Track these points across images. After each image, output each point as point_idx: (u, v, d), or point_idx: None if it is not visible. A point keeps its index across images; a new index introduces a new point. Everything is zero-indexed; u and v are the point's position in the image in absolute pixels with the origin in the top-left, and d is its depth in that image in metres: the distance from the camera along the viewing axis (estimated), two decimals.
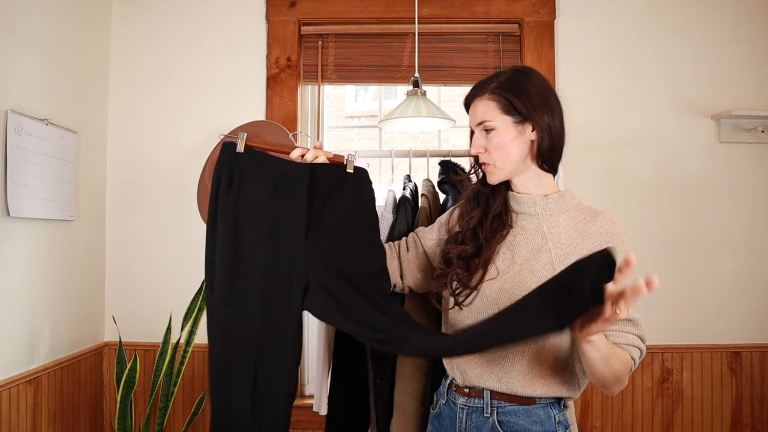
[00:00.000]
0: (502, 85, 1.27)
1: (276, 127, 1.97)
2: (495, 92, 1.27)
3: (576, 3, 2.31)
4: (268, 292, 1.29)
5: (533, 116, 1.25)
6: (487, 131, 1.27)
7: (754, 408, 2.23)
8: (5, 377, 1.71)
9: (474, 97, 1.30)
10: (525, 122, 1.26)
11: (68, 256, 2.04)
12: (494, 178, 1.29)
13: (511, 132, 1.26)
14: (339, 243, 1.30)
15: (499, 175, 1.29)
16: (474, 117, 1.29)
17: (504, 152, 1.27)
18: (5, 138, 1.69)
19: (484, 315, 1.21)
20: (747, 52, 2.28)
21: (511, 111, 1.26)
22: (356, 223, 1.33)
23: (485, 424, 1.24)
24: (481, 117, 1.27)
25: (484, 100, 1.28)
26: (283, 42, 2.31)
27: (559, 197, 1.29)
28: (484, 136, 1.28)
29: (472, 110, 1.30)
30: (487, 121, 1.26)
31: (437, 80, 2.37)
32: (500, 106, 1.26)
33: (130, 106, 2.33)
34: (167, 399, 2.04)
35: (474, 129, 1.30)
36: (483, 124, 1.27)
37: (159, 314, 2.19)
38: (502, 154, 1.27)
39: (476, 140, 1.29)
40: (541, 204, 1.29)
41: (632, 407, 2.24)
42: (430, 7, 2.28)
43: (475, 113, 1.29)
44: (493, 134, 1.26)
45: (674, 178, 2.28)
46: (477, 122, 1.28)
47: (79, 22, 2.11)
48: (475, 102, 1.29)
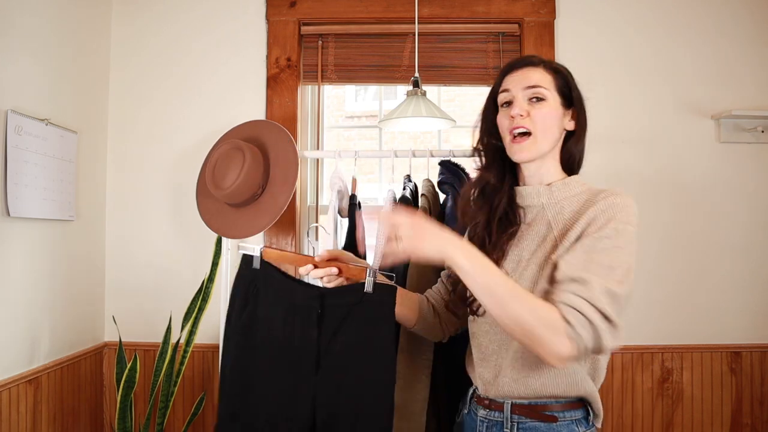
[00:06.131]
0: (557, 67, 1.24)
1: (276, 127, 1.97)
2: (552, 69, 1.23)
3: (576, 3, 2.31)
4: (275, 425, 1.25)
5: (577, 106, 1.23)
6: (537, 99, 1.20)
7: (754, 408, 2.23)
8: (5, 377, 1.71)
9: (525, 64, 1.24)
10: (569, 109, 1.24)
11: (68, 256, 2.04)
12: (527, 152, 1.21)
13: (559, 110, 1.22)
14: (349, 379, 1.21)
15: (534, 149, 1.21)
16: (523, 79, 1.21)
17: (549, 125, 1.21)
18: (5, 138, 1.69)
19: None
20: (747, 52, 2.28)
21: (564, 92, 1.22)
22: (369, 357, 1.21)
23: None
24: (536, 81, 1.20)
25: (539, 70, 1.23)
26: (283, 42, 2.31)
27: (563, 184, 1.25)
28: (529, 101, 1.20)
29: (521, 74, 1.22)
30: (542, 88, 1.20)
31: (437, 80, 2.37)
32: (555, 83, 1.22)
33: (130, 106, 2.33)
34: (167, 399, 2.04)
35: (516, 90, 1.22)
36: (536, 89, 1.20)
37: (159, 314, 2.19)
38: (546, 127, 1.21)
39: (520, 103, 1.20)
40: (545, 194, 1.25)
41: (632, 407, 2.24)
42: (430, 7, 2.28)
43: (527, 77, 1.21)
44: (543, 104, 1.20)
45: (674, 178, 2.27)
46: (528, 85, 1.21)
47: (79, 22, 2.11)
48: (526, 69, 1.23)
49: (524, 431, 1.17)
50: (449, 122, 1.99)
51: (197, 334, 2.08)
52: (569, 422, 1.17)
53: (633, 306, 2.28)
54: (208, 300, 2.08)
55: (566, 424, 1.16)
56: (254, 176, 1.83)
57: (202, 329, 2.11)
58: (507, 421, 1.19)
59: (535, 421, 1.16)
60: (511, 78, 1.24)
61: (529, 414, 1.17)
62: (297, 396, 1.23)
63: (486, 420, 1.22)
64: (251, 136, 1.96)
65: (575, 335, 1.03)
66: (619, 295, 1.07)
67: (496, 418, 1.21)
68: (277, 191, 1.86)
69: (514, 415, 1.18)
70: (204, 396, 2.17)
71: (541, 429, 1.16)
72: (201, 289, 2.08)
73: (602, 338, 1.04)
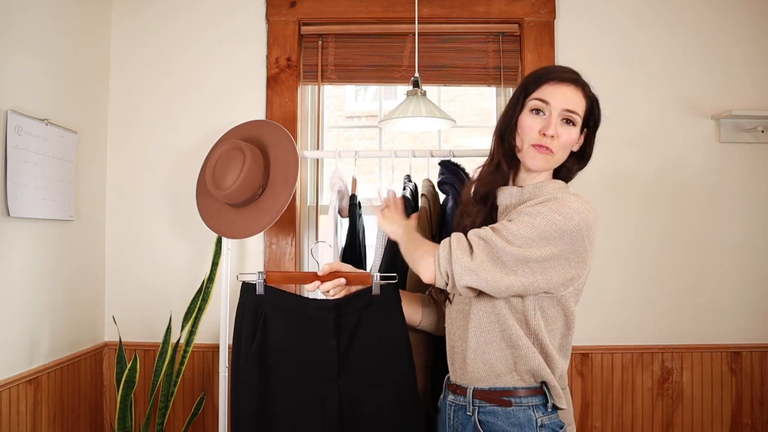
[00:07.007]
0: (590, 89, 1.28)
1: (276, 128, 1.97)
2: (588, 93, 1.27)
3: (576, 3, 2.31)
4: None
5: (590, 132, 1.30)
6: (567, 122, 1.25)
7: (754, 408, 2.23)
8: (5, 377, 1.71)
9: (572, 81, 1.26)
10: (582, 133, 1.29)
11: (68, 256, 2.04)
12: (542, 165, 1.27)
13: (576, 136, 1.28)
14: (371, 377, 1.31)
15: (547, 165, 1.27)
16: (566, 100, 1.24)
17: (566, 151, 1.28)
18: (5, 138, 1.69)
19: (466, 308, 1.26)
20: (747, 52, 2.28)
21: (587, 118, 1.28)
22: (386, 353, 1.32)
23: (468, 422, 1.25)
24: (575, 107, 1.25)
25: (579, 93, 1.26)
26: (283, 42, 2.31)
27: (534, 187, 1.29)
28: (561, 122, 1.25)
29: (564, 92, 1.24)
30: (576, 115, 1.25)
31: (437, 80, 2.37)
32: (586, 109, 1.27)
33: (130, 106, 2.33)
34: (167, 399, 2.04)
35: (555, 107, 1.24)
36: (572, 114, 1.24)
37: (159, 314, 2.19)
38: (564, 152, 1.28)
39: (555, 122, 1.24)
40: (516, 195, 1.30)
41: (632, 407, 2.24)
42: (430, 7, 2.28)
43: (569, 98, 1.24)
44: (572, 130, 1.25)
45: (674, 178, 2.27)
46: (567, 108, 1.24)
47: (79, 22, 2.11)
48: (572, 86, 1.25)
49: (484, 415, 1.23)
50: (449, 122, 1.99)
51: (197, 334, 2.08)
52: (526, 408, 1.22)
53: (633, 306, 2.30)
54: (208, 300, 2.08)
55: (523, 409, 1.22)
56: (254, 176, 1.83)
57: (202, 329, 2.11)
58: (469, 405, 1.25)
59: (493, 405, 1.23)
60: (552, 90, 1.25)
61: (488, 398, 1.23)
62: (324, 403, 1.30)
63: (453, 404, 1.30)
64: (251, 136, 1.96)
65: (436, 255, 1.20)
66: (497, 247, 1.15)
67: (461, 402, 1.27)
68: (277, 191, 1.86)
69: (476, 400, 1.25)
70: (204, 396, 2.17)
71: (498, 413, 1.22)
72: (201, 289, 2.08)
73: (454, 261, 1.17)
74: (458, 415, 1.28)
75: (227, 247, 2.04)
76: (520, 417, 1.21)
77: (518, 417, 1.21)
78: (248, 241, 2.27)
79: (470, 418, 1.25)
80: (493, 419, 1.22)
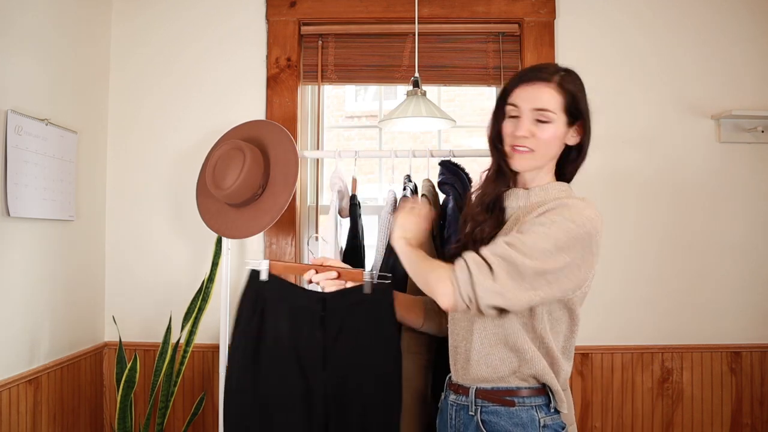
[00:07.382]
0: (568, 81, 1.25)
1: (276, 128, 1.97)
2: (563, 86, 1.24)
3: (576, 3, 2.31)
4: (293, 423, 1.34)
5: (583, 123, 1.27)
6: (542, 121, 1.23)
7: (754, 408, 2.23)
8: (5, 377, 1.71)
9: (539, 79, 1.24)
10: (573, 125, 1.27)
11: (68, 256, 2.04)
12: (525, 164, 1.27)
13: (562, 130, 1.25)
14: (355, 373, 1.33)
15: (531, 164, 1.27)
16: (533, 100, 1.23)
17: (550, 147, 1.26)
18: (5, 138, 1.69)
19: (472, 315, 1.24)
20: (747, 52, 2.28)
21: (570, 111, 1.25)
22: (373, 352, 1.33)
23: (471, 422, 1.25)
24: (545, 105, 1.22)
25: (550, 89, 1.23)
26: (283, 42, 2.31)
27: (542, 189, 1.29)
28: (535, 122, 1.23)
29: (533, 91, 1.24)
30: (549, 112, 1.23)
31: (437, 80, 2.37)
32: (563, 103, 1.24)
33: (130, 106, 2.33)
34: (167, 399, 2.04)
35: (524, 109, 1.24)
36: (543, 112, 1.23)
37: (159, 314, 2.19)
38: (547, 149, 1.26)
39: (526, 124, 1.23)
40: (523, 197, 1.30)
41: (632, 407, 2.24)
42: (430, 7, 2.28)
43: (537, 98, 1.23)
44: (547, 127, 1.23)
45: (674, 178, 2.27)
46: (536, 107, 1.23)
47: (79, 22, 2.11)
48: (539, 85, 1.24)
49: (487, 414, 1.23)
50: (449, 122, 1.99)
51: (197, 334, 2.08)
52: (529, 408, 1.22)
53: (633, 306, 2.30)
54: (208, 300, 2.08)
55: (526, 410, 1.22)
56: (254, 176, 1.83)
57: (202, 329, 2.11)
58: (472, 405, 1.25)
59: (496, 405, 1.23)
60: (521, 93, 1.25)
61: (491, 398, 1.23)
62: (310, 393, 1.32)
63: (455, 404, 1.29)
64: (251, 136, 1.96)
65: (454, 278, 1.15)
66: (516, 263, 1.12)
67: (463, 402, 1.27)
68: (278, 191, 1.86)
69: (478, 399, 1.24)
70: (204, 396, 2.17)
71: (501, 413, 1.22)
72: (201, 289, 2.08)
73: (476, 284, 1.13)
74: (460, 415, 1.28)
75: (227, 247, 2.04)
76: (523, 417, 1.21)
77: (521, 417, 1.21)
78: (248, 241, 2.27)
79: (473, 418, 1.24)
80: (496, 419, 1.22)
